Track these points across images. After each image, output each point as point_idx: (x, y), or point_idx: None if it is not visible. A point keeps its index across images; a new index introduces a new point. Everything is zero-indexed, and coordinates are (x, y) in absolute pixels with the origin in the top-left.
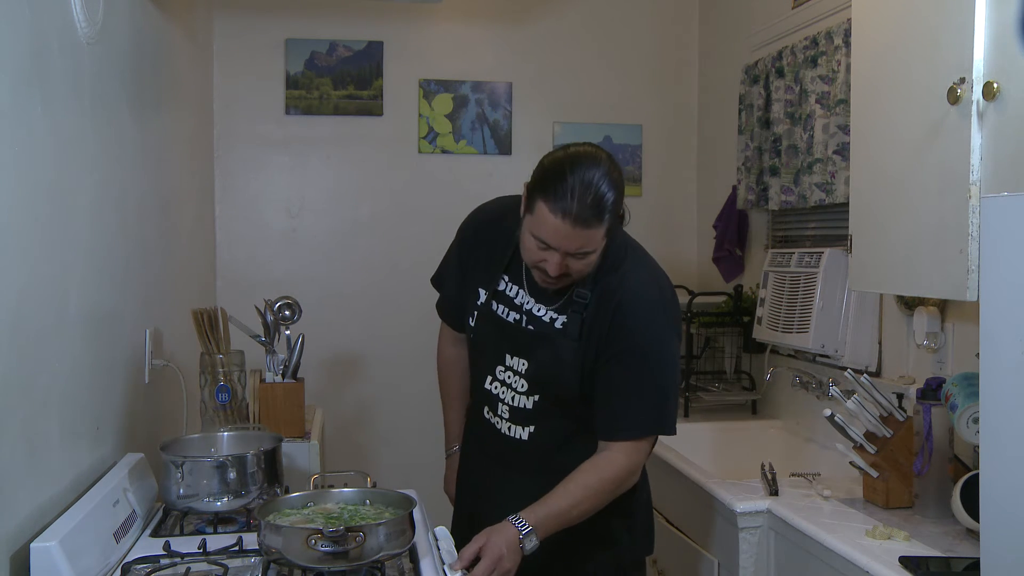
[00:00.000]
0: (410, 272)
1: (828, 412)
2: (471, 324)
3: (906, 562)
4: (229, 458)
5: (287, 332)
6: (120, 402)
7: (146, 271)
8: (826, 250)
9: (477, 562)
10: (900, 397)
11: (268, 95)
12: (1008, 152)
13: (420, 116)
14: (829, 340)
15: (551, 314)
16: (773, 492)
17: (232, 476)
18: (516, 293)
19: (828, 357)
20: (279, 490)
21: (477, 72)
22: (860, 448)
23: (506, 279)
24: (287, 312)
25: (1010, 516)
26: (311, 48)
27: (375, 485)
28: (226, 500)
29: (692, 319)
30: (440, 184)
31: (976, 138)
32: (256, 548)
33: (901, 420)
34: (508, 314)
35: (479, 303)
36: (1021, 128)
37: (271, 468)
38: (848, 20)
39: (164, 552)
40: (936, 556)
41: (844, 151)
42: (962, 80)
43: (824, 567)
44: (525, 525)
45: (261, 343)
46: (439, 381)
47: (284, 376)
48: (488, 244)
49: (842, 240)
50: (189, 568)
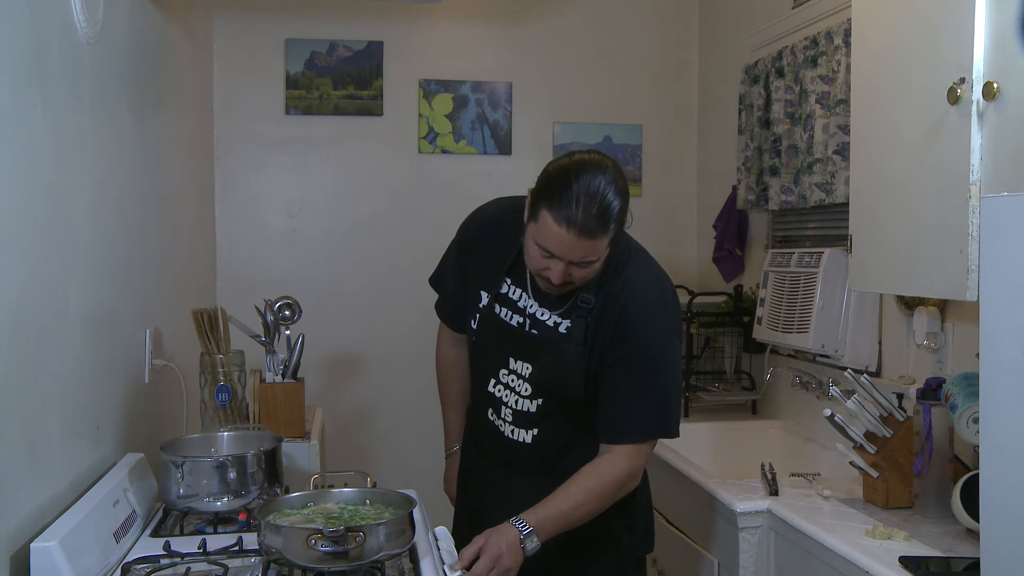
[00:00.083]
0: (410, 272)
1: (828, 412)
2: (473, 326)
3: (906, 562)
4: (229, 458)
5: (287, 332)
6: (120, 402)
7: (146, 271)
8: (826, 250)
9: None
10: (900, 397)
11: (268, 95)
12: (1008, 152)
13: (420, 116)
14: (829, 340)
15: (555, 318)
16: (773, 492)
17: (232, 476)
18: (519, 296)
19: (828, 357)
20: (279, 490)
21: (477, 72)
22: (860, 448)
23: (508, 282)
24: (287, 312)
25: (1010, 516)
26: (311, 48)
27: (375, 485)
28: (226, 500)
29: (692, 319)
30: (440, 184)
31: (976, 138)
32: (256, 548)
33: (901, 420)
34: (511, 317)
35: (481, 305)
36: (1021, 128)
37: (271, 468)
38: (848, 20)
39: (164, 552)
40: (936, 556)
41: (844, 151)
42: (962, 80)
43: (824, 567)
44: (526, 526)
45: (261, 343)
46: (438, 381)
47: (284, 376)
48: (490, 246)
49: (842, 240)
50: (189, 568)
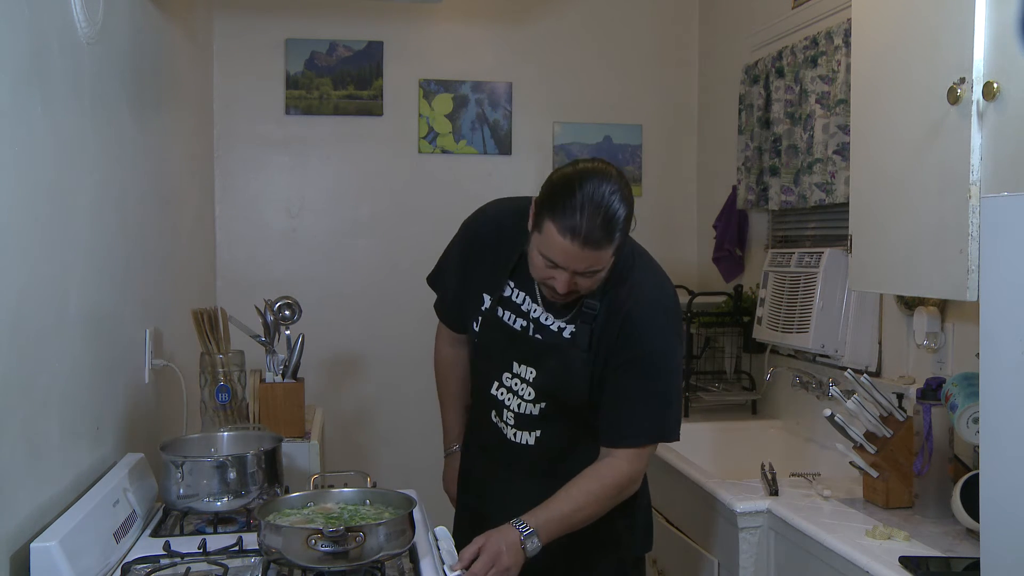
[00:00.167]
0: (410, 272)
1: (828, 412)
2: (475, 328)
3: (906, 562)
4: (229, 458)
5: (287, 332)
6: (120, 402)
7: (146, 271)
8: (826, 250)
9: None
10: (900, 397)
11: (268, 95)
12: (1008, 152)
13: (420, 116)
14: (829, 340)
15: (559, 323)
16: (773, 492)
17: (232, 476)
18: (523, 300)
19: (828, 357)
20: (279, 490)
21: (477, 72)
22: (860, 448)
23: (512, 285)
24: (287, 312)
25: (1010, 516)
26: (311, 48)
27: (375, 485)
28: (226, 500)
29: (692, 319)
30: (440, 184)
31: (976, 138)
32: (256, 548)
33: (901, 420)
34: (515, 321)
35: (483, 308)
36: (1021, 128)
37: (271, 468)
38: (848, 20)
39: (164, 552)
40: (936, 556)
41: (844, 151)
42: (962, 80)
43: (824, 567)
44: (527, 527)
45: (261, 343)
46: (437, 381)
47: (284, 376)
48: (492, 248)
49: (842, 240)
50: (189, 568)
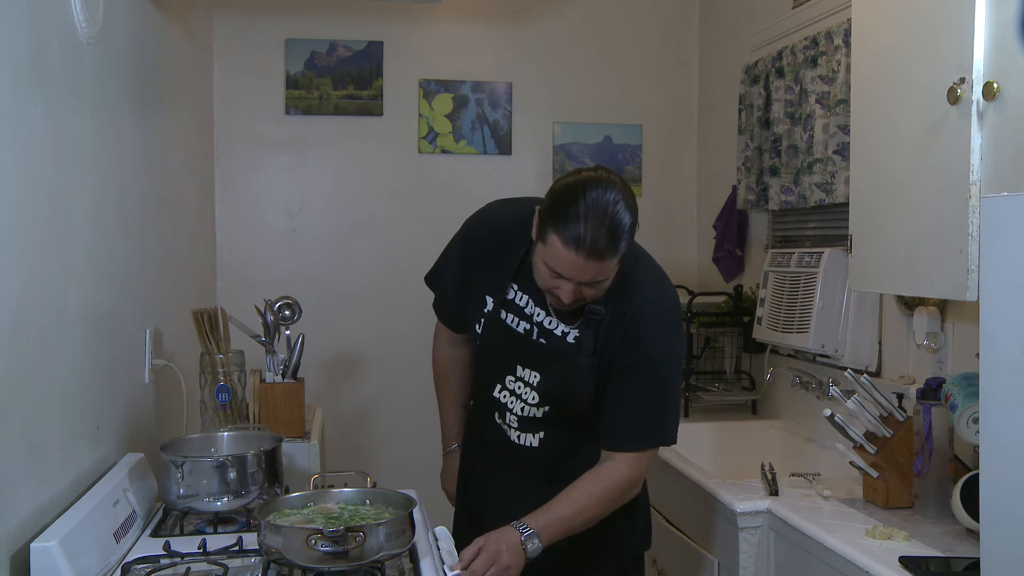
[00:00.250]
0: (410, 272)
1: (828, 412)
2: (477, 330)
3: (906, 562)
4: (229, 458)
5: (287, 332)
6: (120, 402)
7: (146, 271)
8: (826, 250)
9: None
10: (900, 397)
11: (268, 95)
12: (1008, 152)
13: (420, 116)
14: (829, 340)
15: (563, 327)
16: (773, 492)
17: (232, 476)
18: (526, 303)
19: (828, 357)
20: (279, 490)
21: (477, 72)
22: (860, 448)
23: (515, 288)
24: (287, 312)
25: (1010, 516)
26: (311, 48)
27: (375, 485)
28: (226, 500)
29: (692, 319)
30: (440, 184)
31: (976, 138)
32: (256, 548)
33: (901, 420)
34: (518, 324)
35: (486, 311)
36: (1021, 128)
37: (271, 468)
38: (848, 20)
39: (164, 552)
40: (936, 556)
41: (844, 151)
42: (962, 80)
43: (824, 567)
44: (527, 528)
45: (261, 343)
46: (435, 380)
47: (284, 376)
48: (495, 250)
49: (842, 240)
50: (189, 568)
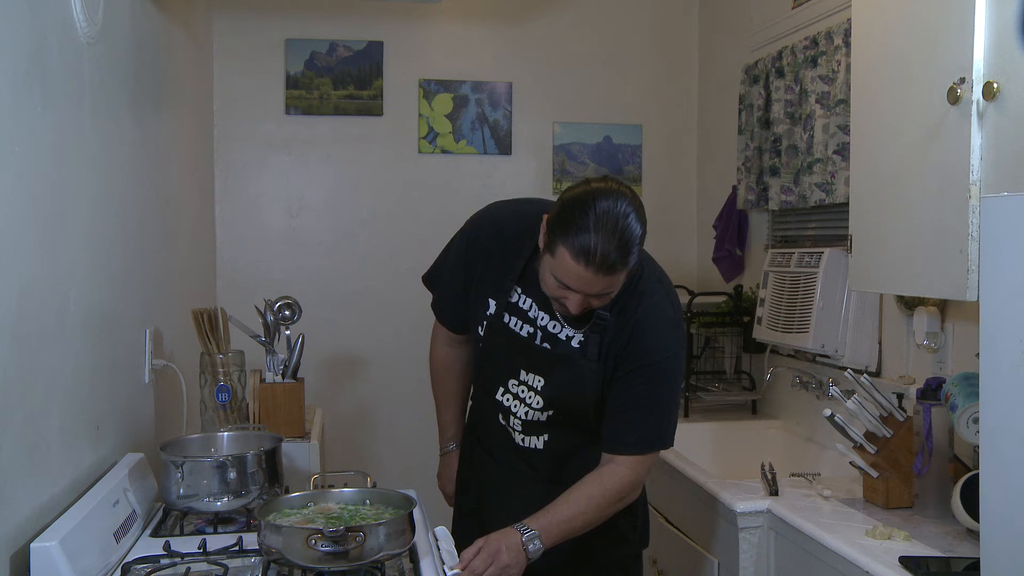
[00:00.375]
0: (410, 272)
1: (828, 412)
2: (479, 332)
3: (906, 562)
4: (229, 458)
5: (287, 332)
6: (120, 402)
7: (146, 271)
8: (826, 250)
9: None
10: (900, 397)
11: (268, 95)
12: (1008, 152)
13: (420, 116)
14: (829, 340)
15: (567, 331)
16: (773, 492)
17: (232, 476)
18: (530, 306)
19: (828, 357)
20: (279, 490)
21: (477, 72)
22: (860, 448)
23: (519, 291)
24: (287, 312)
25: (1010, 516)
26: (311, 48)
27: (375, 485)
28: (226, 500)
29: (692, 319)
30: (440, 184)
31: (976, 138)
32: (256, 548)
33: (901, 420)
34: (521, 327)
35: (488, 313)
36: (1021, 128)
37: (271, 468)
38: (848, 20)
39: (164, 552)
40: (936, 556)
41: (844, 151)
42: (962, 80)
43: (824, 567)
44: (528, 529)
45: (261, 343)
46: (432, 380)
47: (284, 376)
48: (497, 252)
49: (842, 240)
50: (189, 568)
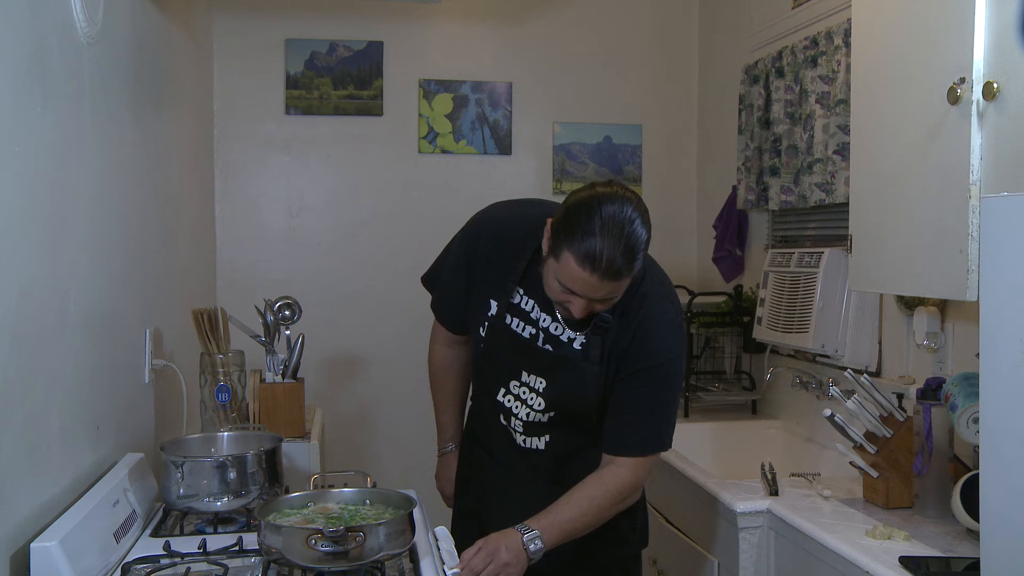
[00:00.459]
0: (410, 272)
1: (828, 412)
2: (481, 334)
3: (906, 562)
4: (229, 458)
5: (287, 332)
6: (120, 402)
7: (146, 271)
8: (826, 250)
9: None
10: (900, 397)
11: (268, 95)
12: (1008, 152)
13: (420, 116)
14: (829, 340)
15: (569, 333)
16: (773, 492)
17: (232, 476)
18: (532, 308)
19: (828, 357)
20: (279, 490)
21: (477, 72)
22: (860, 448)
23: (520, 292)
24: (287, 312)
25: (1010, 516)
26: (311, 48)
27: (375, 485)
28: (226, 500)
29: (692, 319)
30: (440, 184)
31: (976, 138)
32: (256, 548)
33: (901, 420)
34: (523, 329)
35: (490, 315)
36: (1021, 128)
37: (271, 468)
38: (848, 20)
39: (164, 552)
40: (936, 556)
41: (844, 151)
42: (962, 80)
43: (824, 567)
44: (529, 530)
45: (261, 343)
46: (431, 380)
47: (284, 376)
48: (498, 254)
49: (842, 240)
50: (189, 568)
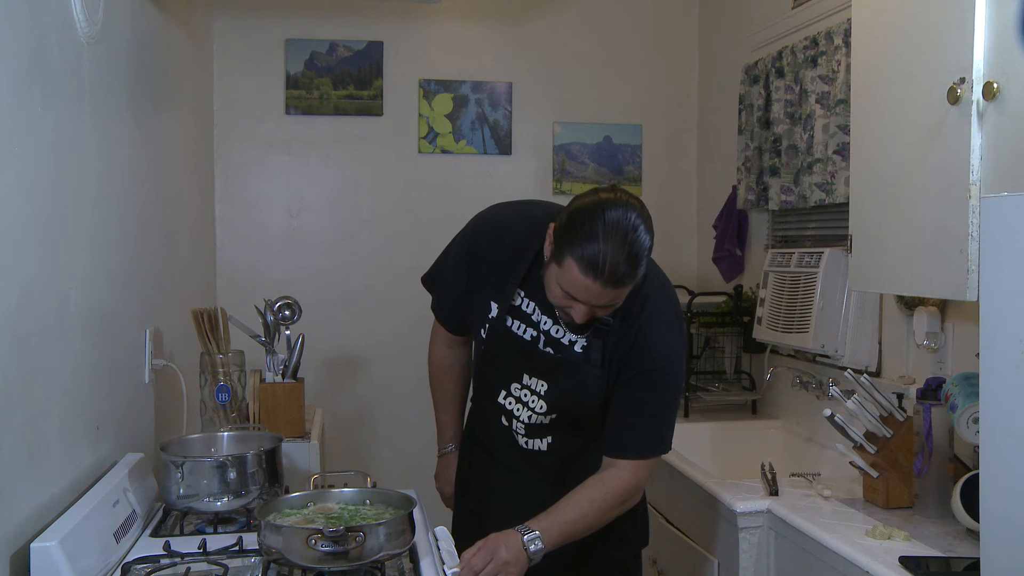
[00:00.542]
0: (410, 272)
1: (828, 412)
2: (482, 335)
3: (906, 562)
4: (229, 458)
5: (287, 332)
6: (120, 402)
7: (146, 271)
8: (826, 250)
9: None
10: (900, 397)
11: (268, 95)
12: (1008, 152)
13: (420, 116)
14: (829, 340)
15: (570, 336)
16: (773, 492)
17: (232, 476)
18: (533, 310)
19: (828, 357)
20: (279, 490)
21: (477, 72)
22: (860, 448)
23: (522, 294)
24: (287, 312)
25: (1010, 516)
26: (311, 48)
27: (375, 485)
28: (226, 500)
29: (692, 319)
30: (440, 184)
31: (976, 138)
32: (256, 548)
33: (901, 420)
34: (525, 331)
35: (491, 317)
36: (1021, 128)
37: (271, 468)
38: (848, 20)
39: (164, 552)
40: (936, 556)
41: (844, 151)
42: (962, 80)
43: (824, 567)
44: (530, 530)
45: (261, 343)
46: (431, 381)
47: (284, 376)
48: (501, 255)
49: (842, 240)
50: (189, 568)
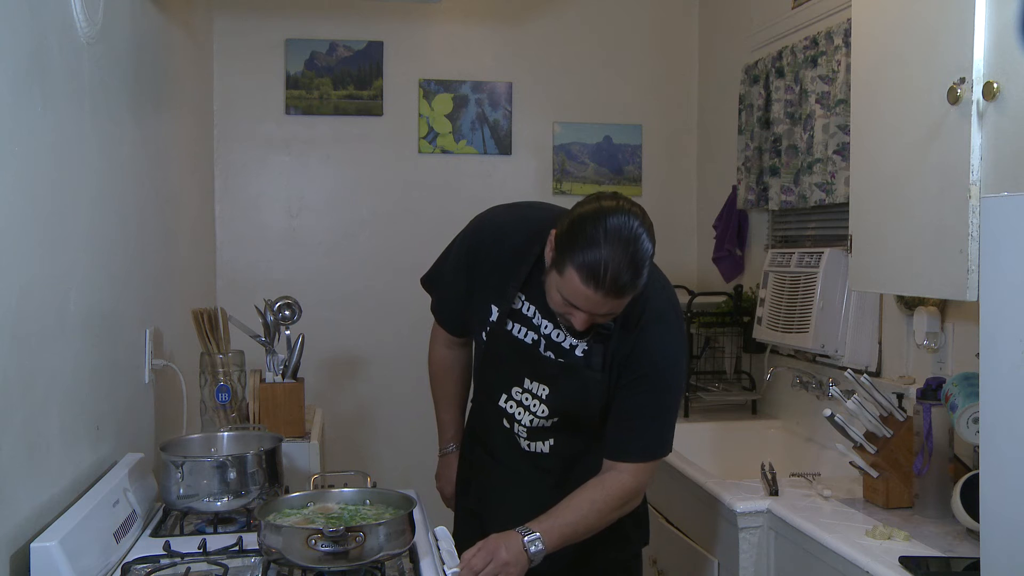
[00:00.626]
0: (410, 272)
1: (828, 412)
2: (483, 338)
3: (906, 562)
4: (229, 458)
5: (287, 332)
6: (120, 402)
7: (146, 271)
8: (826, 250)
9: None
10: (900, 397)
11: (268, 95)
12: (1008, 152)
13: (420, 116)
14: (829, 340)
15: (571, 340)
16: (773, 492)
17: (232, 476)
18: (533, 314)
19: (828, 357)
20: (279, 490)
21: (477, 72)
22: (860, 448)
23: (522, 298)
24: (287, 312)
25: (1010, 516)
26: (311, 48)
27: (375, 485)
28: (226, 500)
29: (692, 319)
30: (440, 184)
31: (976, 138)
32: (256, 548)
33: (901, 420)
34: (525, 334)
35: (491, 320)
36: (1021, 128)
37: (271, 468)
38: (848, 20)
39: (164, 552)
40: (936, 556)
41: (844, 151)
42: (962, 80)
43: (824, 567)
44: (530, 531)
45: (261, 343)
46: (432, 381)
47: (284, 376)
48: (501, 258)
49: (842, 240)
50: (189, 568)
